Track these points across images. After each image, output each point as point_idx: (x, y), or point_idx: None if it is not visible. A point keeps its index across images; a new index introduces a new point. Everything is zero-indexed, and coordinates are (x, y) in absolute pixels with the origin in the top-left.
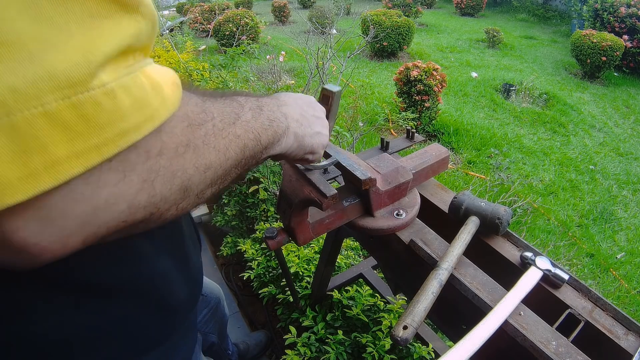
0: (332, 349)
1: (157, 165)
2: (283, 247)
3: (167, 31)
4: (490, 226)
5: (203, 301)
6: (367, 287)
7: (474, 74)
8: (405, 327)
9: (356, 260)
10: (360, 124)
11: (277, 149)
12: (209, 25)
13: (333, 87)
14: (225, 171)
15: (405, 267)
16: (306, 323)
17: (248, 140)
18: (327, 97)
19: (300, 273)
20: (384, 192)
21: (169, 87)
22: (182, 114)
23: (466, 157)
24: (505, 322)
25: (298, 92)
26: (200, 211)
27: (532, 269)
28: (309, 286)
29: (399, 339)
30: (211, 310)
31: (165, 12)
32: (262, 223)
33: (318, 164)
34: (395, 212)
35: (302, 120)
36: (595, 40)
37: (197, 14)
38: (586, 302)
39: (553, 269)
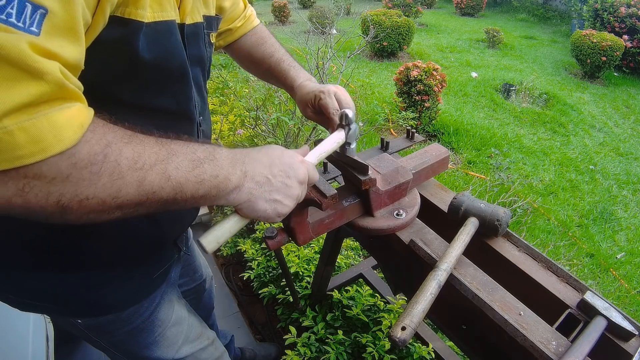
0: (332, 349)
1: (31, 184)
2: (283, 247)
3: None
4: (489, 227)
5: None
6: (367, 287)
7: (474, 74)
8: (403, 328)
9: (356, 260)
10: (361, 124)
11: (221, 201)
12: None
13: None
14: (118, 206)
15: (405, 267)
16: (306, 323)
17: (160, 188)
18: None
19: (300, 273)
20: (384, 192)
21: (71, 130)
22: (75, 152)
23: (466, 157)
24: (505, 322)
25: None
26: (200, 211)
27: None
28: (309, 286)
29: (397, 339)
30: (195, 285)
31: None
32: (262, 223)
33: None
34: (395, 212)
35: (264, 183)
36: (595, 40)
37: None
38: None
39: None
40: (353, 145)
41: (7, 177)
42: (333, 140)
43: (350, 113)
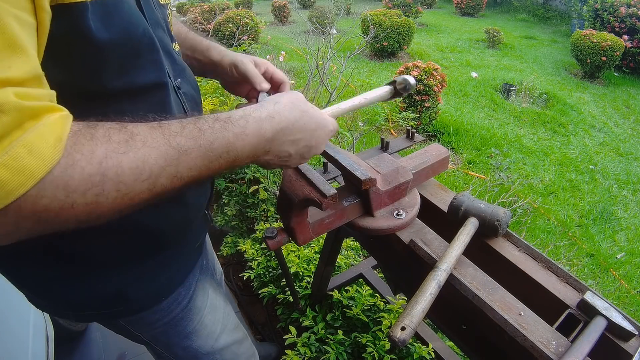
0: (332, 349)
1: (28, 218)
2: (283, 247)
3: None
4: (489, 228)
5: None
6: (367, 287)
7: (474, 74)
8: (403, 328)
9: (356, 260)
10: (360, 124)
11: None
12: (209, 25)
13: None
14: (138, 204)
15: (405, 267)
16: (306, 323)
17: (173, 188)
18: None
19: (300, 273)
20: (384, 192)
21: (48, 146)
22: (68, 178)
23: (466, 157)
24: (505, 322)
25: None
26: None
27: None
28: (309, 286)
29: (396, 339)
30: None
31: None
32: (262, 223)
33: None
34: (395, 212)
35: (284, 158)
36: (595, 40)
37: (197, 14)
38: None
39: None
40: (402, 92)
41: (10, 213)
42: (374, 92)
43: (412, 80)
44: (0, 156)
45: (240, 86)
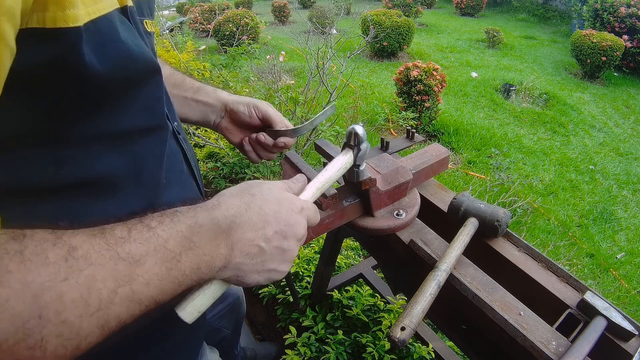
0: (332, 349)
1: None
2: None
3: (167, 31)
4: (489, 228)
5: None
6: (367, 287)
7: (474, 74)
8: (403, 329)
9: (356, 260)
10: (361, 124)
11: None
12: (209, 25)
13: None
14: (89, 347)
15: (405, 267)
16: (306, 323)
17: (130, 316)
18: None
19: (300, 273)
20: (384, 192)
21: None
22: None
23: (466, 157)
24: (505, 322)
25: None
26: None
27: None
28: (309, 286)
29: (396, 340)
30: (228, 306)
31: (166, 12)
32: None
33: (306, 122)
34: (395, 212)
35: (256, 254)
36: (595, 40)
37: (197, 14)
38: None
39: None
40: (363, 167)
41: None
42: (338, 166)
43: (360, 130)
44: None
45: (242, 130)
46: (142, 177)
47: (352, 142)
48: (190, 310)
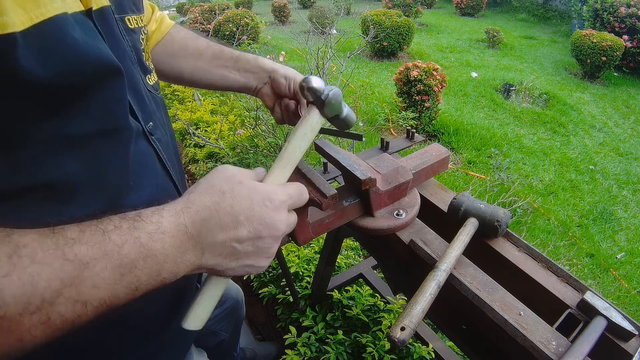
0: (332, 349)
1: None
2: (283, 247)
3: None
4: (489, 228)
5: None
6: (367, 287)
7: (474, 74)
8: (402, 329)
9: (356, 260)
10: (361, 124)
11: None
12: (209, 26)
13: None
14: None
15: (405, 267)
16: (306, 323)
17: (76, 316)
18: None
19: (300, 273)
20: (384, 192)
21: None
22: None
23: (466, 157)
24: (505, 322)
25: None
26: None
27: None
28: (309, 286)
29: (396, 340)
30: (226, 310)
31: (166, 12)
32: None
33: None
34: (395, 212)
35: (229, 254)
36: (595, 40)
37: (197, 14)
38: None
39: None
40: (345, 112)
41: None
42: (303, 131)
43: (314, 81)
44: None
45: (277, 96)
46: (103, 181)
47: (310, 97)
48: (195, 322)
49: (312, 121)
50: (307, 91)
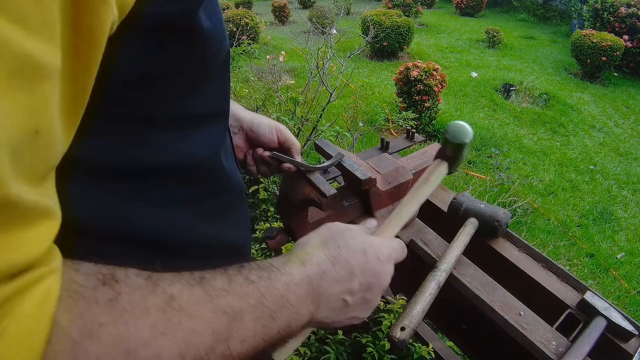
0: (332, 349)
1: None
2: (283, 247)
3: None
4: (489, 228)
5: None
6: None
7: (474, 74)
8: (402, 329)
9: None
10: (360, 124)
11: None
12: None
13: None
14: None
15: (405, 267)
16: None
17: None
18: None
19: None
20: (384, 192)
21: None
22: None
23: (466, 157)
24: (505, 322)
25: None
26: None
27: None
28: None
29: (396, 340)
30: None
31: None
32: (262, 223)
33: (319, 165)
34: None
35: (339, 309)
36: (595, 40)
37: None
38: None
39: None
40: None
41: None
42: (428, 191)
43: (469, 138)
44: None
45: (250, 147)
46: (215, 164)
47: (449, 153)
48: (283, 355)
49: (440, 177)
50: (454, 147)
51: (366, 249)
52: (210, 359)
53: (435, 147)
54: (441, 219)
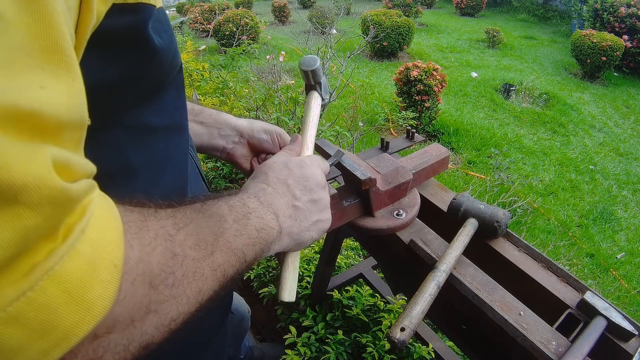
0: (332, 349)
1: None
2: None
3: None
4: (488, 229)
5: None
6: (367, 287)
7: (474, 74)
8: (402, 329)
9: (356, 260)
10: (360, 124)
11: (268, 254)
12: (209, 25)
13: (310, 62)
14: (198, 310)
15: (405, 267)
16: (306, 323)
17: (229, 266)
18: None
19: (300, 273)
20: (384, 192)
21: (99, 285)
22: (134, 293)
23: (466, 157)
24: (505, 322)
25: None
26: None
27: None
28: (309, 286)
29: (396, 340)
30: (232, 326)
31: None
32: None
33: None
34: (395, 212)
35: (296, 213)
36: (595, 40)
37: (197, 14)
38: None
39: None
40: (326, 99)
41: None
42: (314, 109)
43: (317, 65)
44: (8, 300)
45: (254, 155)
46: (164, 173)
47: (312, 81)
48: (287, 292)
49: (317, 102)
50: (311, 74)
51: (287, 164)
52: (218, 242)
53: (435, 146)
54: (441, 219)
